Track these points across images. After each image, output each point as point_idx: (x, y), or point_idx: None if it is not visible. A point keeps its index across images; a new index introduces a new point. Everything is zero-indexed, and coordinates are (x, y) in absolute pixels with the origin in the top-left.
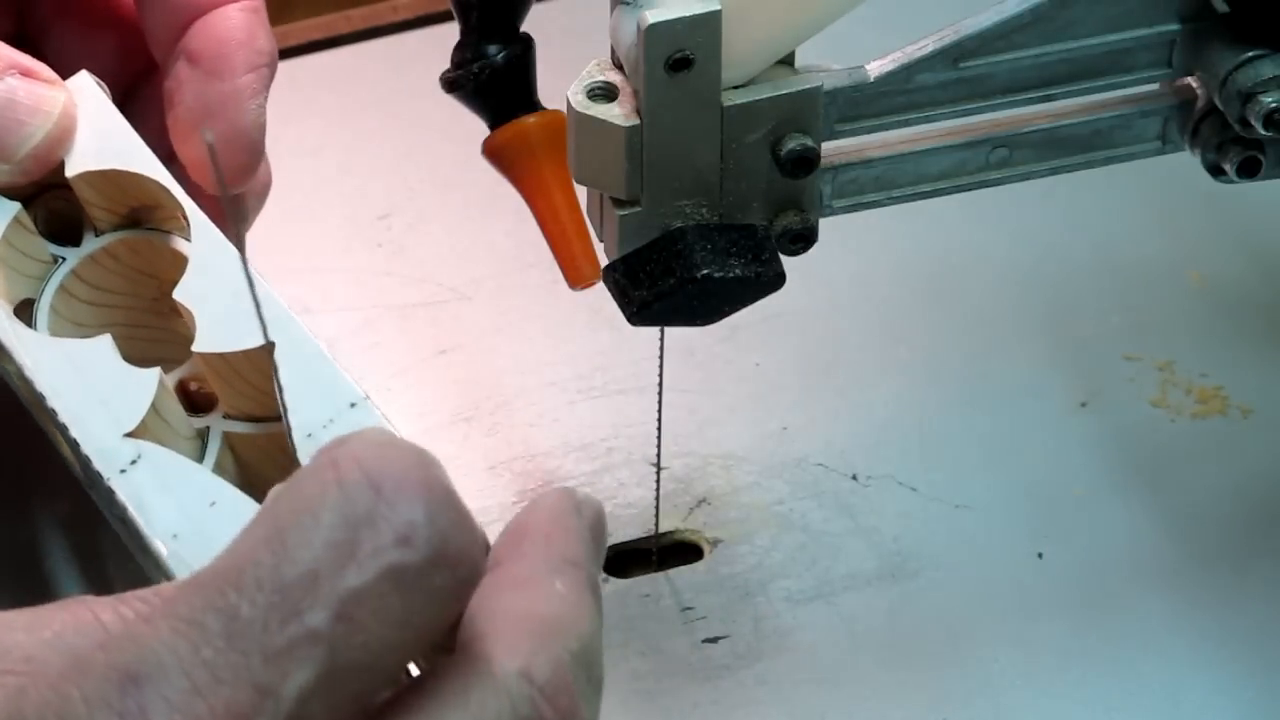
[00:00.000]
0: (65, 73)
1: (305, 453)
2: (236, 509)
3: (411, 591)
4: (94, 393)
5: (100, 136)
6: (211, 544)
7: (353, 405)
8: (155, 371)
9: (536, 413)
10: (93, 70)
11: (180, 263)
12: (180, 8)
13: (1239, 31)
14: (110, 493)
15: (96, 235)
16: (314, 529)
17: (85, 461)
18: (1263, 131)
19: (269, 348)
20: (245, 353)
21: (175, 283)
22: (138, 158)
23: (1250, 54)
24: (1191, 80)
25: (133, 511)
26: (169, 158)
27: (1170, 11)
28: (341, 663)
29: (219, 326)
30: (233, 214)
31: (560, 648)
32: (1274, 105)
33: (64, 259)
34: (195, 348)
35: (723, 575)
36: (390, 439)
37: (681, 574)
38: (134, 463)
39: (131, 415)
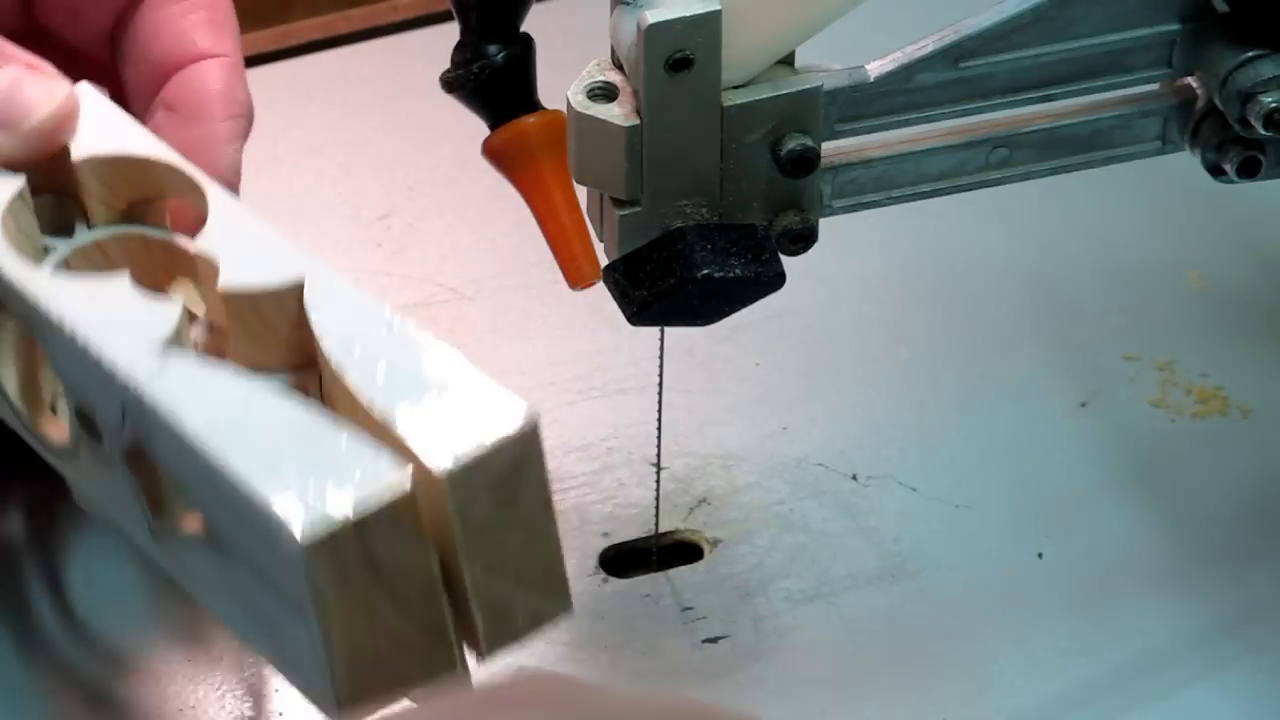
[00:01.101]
0: None
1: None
2: (274, 405)
3: None
4: (114, 316)
5: (107, 126)
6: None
7: (389, 327)
8: (179, 300)
9: None
10: None
11: (171, 263)
12: (160, 61)
13: (1239, 31)
14: (139, 402)
15: (89, 228)
16: None
17: (106, 380)
18: (1263, 131)
19: (299, 285)
20: (272, 293)
21: (161, 285)
22: (148, 144)
23: (1250, 54)
24: (1191, 80)
25: (165, 414)
26: None
27: (1170, 11)
28: None
29: (243, 267)
30: None
31: None
32: (1274, 105)
33: (54, 248)
34: (220, 285)
35: (723, 575)
36: None
37: (681, 574)
38: (161, 372)
39: (161, 329)
